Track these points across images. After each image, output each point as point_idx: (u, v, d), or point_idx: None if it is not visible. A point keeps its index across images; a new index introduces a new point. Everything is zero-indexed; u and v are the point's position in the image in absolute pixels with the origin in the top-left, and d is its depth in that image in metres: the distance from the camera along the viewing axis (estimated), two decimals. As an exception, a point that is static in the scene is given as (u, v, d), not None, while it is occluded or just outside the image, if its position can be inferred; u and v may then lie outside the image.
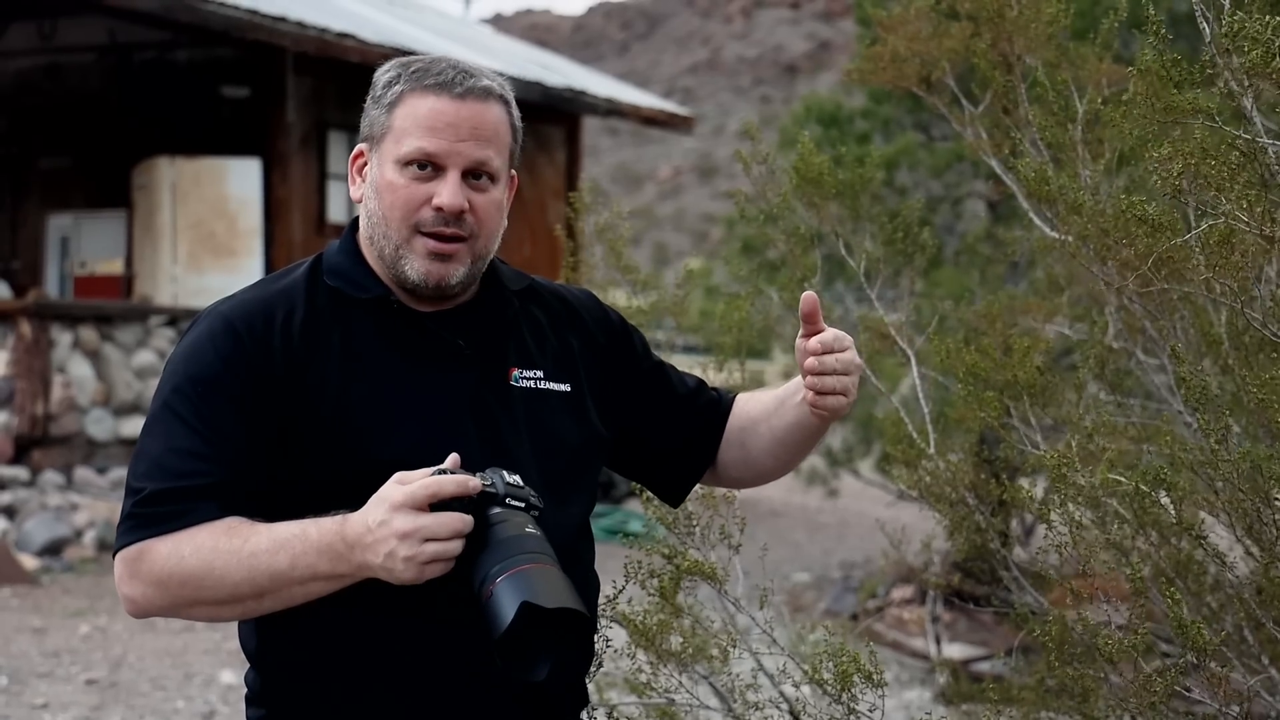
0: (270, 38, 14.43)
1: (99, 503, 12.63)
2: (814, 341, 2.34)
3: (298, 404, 2.23)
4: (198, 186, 14.87)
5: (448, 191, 2.26)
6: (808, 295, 2.37)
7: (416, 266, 2.28)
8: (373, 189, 2.32)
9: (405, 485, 2.06)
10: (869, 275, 4.56)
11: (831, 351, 2.34)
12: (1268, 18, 2.76)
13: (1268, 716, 3.64)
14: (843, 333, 2.37)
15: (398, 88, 2.29)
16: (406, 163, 2.27)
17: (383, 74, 2.34)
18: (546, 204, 17.75)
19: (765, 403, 2.56)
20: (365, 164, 2.35)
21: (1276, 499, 2.98)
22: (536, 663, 2.04)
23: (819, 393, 2.35)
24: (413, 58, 2.35)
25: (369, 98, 2.34)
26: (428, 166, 2.27)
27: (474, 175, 2.28)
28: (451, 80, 2.27)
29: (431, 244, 2.27)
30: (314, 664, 2.27)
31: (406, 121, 2.27)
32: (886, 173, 11.06)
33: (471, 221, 2.28)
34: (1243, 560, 3.44)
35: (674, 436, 2.58)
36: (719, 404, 2.61)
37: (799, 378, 2.46)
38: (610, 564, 2.53)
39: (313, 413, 2.23)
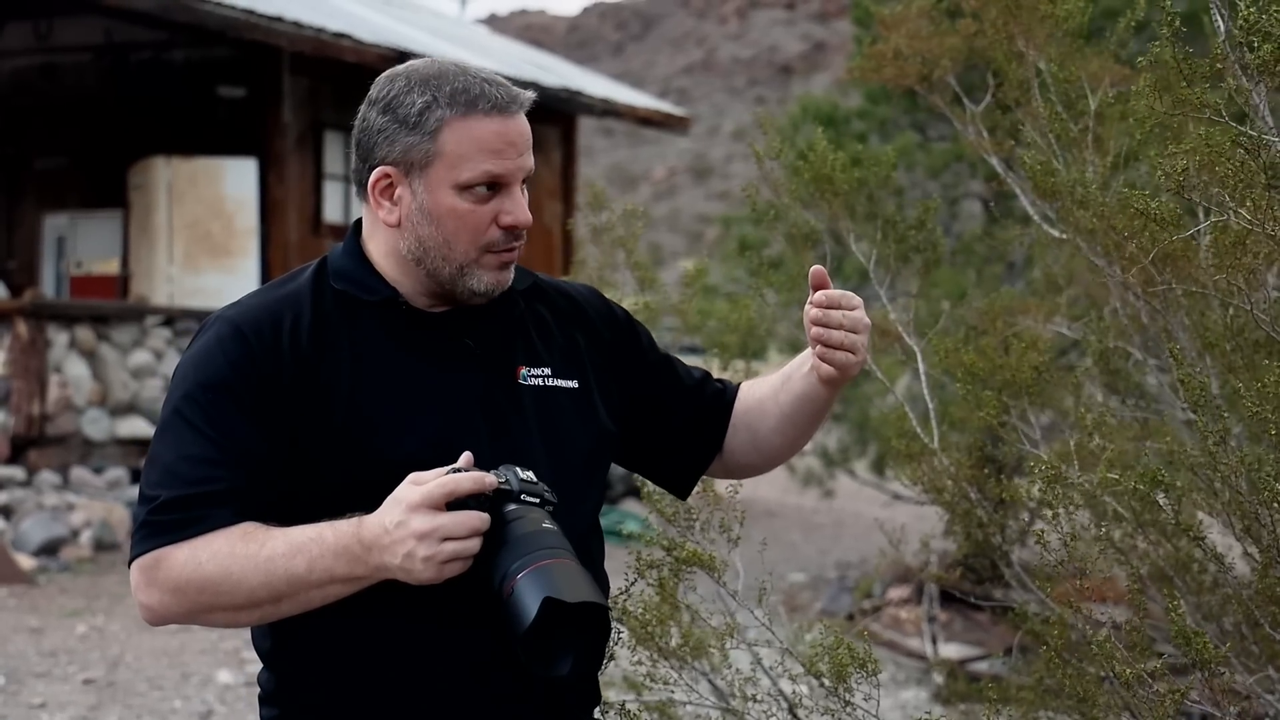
0: (267, 37, 14.43)
1: (95, 503, 12.62)
2: (819, 295, 2.35)
3: (308, 407, 2.23)
4: (194, 186, 14.87)
5: (519, 209, 2.28)
6: (816, 268, 2.37)
7: (485, 279, 2.29)
8: (424, 215, 2.28)
9: (421, 485, 2.06)
10: (869, 275, 4.58)
11: (838, 307, 2.35)
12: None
13: (1266, 716, 3.64)
14: (851, 293, 2.37)
15: (439, 112, 2.24)
16: (468, 187, 2.25)
17: (403, 95, 2.27)
18: (542, 204, 17.76)
19: (771, 382, 2.57)
20: (392, 187, 2.30)
21: (1275, 501, 2.99)
22: (558, 658, 2.04)
23: (826, 345, 2.34)
24: (425, 75, 2.28)
25: (387, 120, 2.27)
26: (489, 187, 2.27)
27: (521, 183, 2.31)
28: (502, 100, 2.26)
29: (505, 257, 2.30)
30: (327, 665, 2.27)
31: (463, 146, 2.24)
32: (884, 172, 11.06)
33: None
34: (1241, 560, 3.44)
35: (681, 429, 2.58)
36: (724, 394, 2.61)
37: (805, 352, 2.46)
38: (608, 563, 2.54)
39: (324, 416, 2.23)
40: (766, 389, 2.57)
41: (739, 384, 2.66)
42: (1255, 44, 2.74)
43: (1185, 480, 3.28)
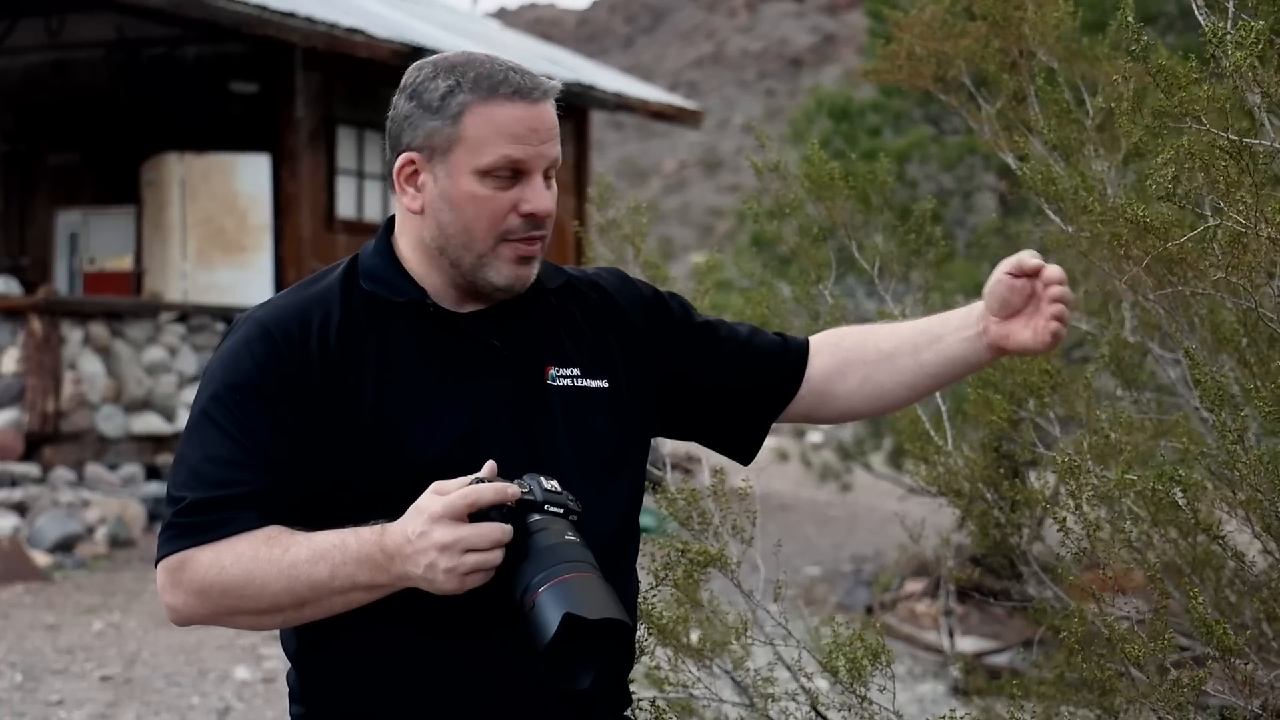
0: (279, 33, 14.44)
1: (110, 499, 12.65)
2: (1051, 270, 2.33)
3: (335, 410, 2.22)
4: (207, 182, 14.90)
5: (538, 197, 2.25)
6: (1028, 252, 2.36)
7: (504, 272, 2.27)
8: (444, 201, 2.27)
9: (443, 495, 2.05)
10: (881, 271, 4.58)
11: (1061, 283, 2.34)
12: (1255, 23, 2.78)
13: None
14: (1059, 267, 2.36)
15: (462, 97, 2.24)
16: (488, 172, 2.24)
17: (429, 81, 2.27)
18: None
19: (905, 336, 2.51)
20: (416, 173, 2.30)
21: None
22: (580, 672, 2.03)
23: (1058, 320, 2.33)
24: (452, 61, 2.29)
25: (414, 106, 2.28)
26: (510, 174, 2.25)
27: (545, 174, 2.28)
28: (525, 86, 2.24)
29: (522, 249, 2.26)
30: (352, 669, 2.28)
31: (483, 131, 2.23)
32: (897, 166, 11.05)
33: (548, 220, 2.29)
34: (1261, 556, 3.44)
35: (734, 388, 2.53)
36: (785, 348, 2.57)
37: (953, 313, 2.46)
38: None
39: (349, 418, 2.22)
40: (898, 342, 2.51)
41: (807, 337, 2.60)
42: (1228, 51, 2.74)
43: (1202, 477, 3.28)
